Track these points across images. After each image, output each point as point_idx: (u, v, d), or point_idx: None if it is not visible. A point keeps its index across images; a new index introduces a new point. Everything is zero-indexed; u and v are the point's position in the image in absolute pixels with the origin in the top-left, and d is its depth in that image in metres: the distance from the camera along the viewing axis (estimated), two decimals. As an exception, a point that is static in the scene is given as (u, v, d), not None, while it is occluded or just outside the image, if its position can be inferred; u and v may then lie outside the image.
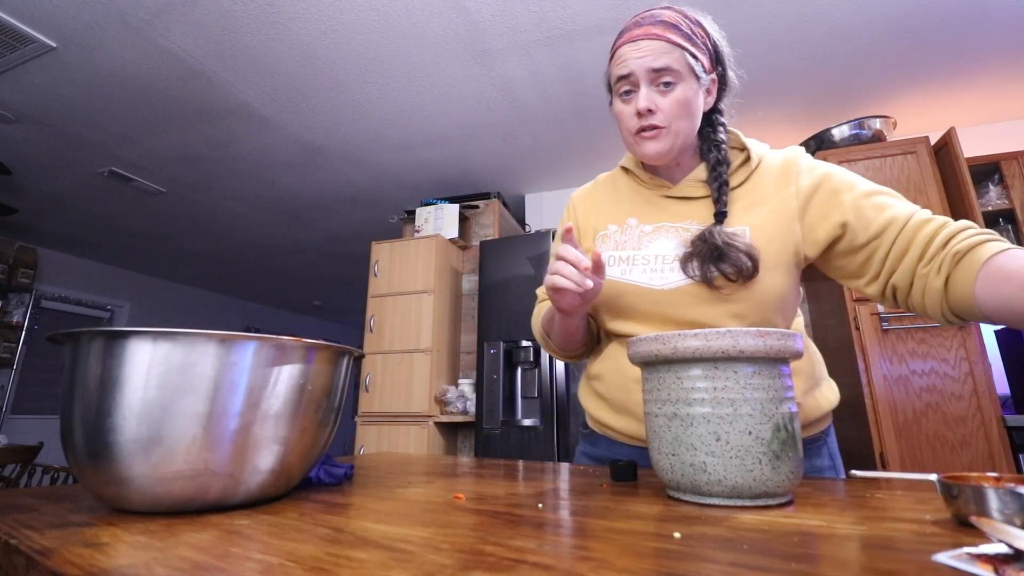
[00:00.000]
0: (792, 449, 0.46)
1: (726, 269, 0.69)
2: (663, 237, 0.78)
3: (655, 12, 0.75)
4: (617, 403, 0.80)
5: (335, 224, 4.25)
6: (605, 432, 0.84)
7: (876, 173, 2.33)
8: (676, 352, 0.48)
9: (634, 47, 0.72)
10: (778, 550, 0.32)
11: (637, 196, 0.84)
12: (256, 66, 2.33)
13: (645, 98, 0.72)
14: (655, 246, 0.78)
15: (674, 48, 0.71)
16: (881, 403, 2.08)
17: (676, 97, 0.72)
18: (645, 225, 0.81)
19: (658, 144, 0.74)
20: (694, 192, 0.79)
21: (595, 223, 0.87)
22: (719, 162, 0.76)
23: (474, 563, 0.30)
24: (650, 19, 0.74)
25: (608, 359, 0.83)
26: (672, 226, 0.78)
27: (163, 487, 0.43)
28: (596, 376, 0.85)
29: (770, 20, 2.08)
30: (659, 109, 0.72)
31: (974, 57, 2.32)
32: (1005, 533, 0.29)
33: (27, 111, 2.64)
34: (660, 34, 0.71)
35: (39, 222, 4.15)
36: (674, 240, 0.77)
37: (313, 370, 0.50)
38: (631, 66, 0.72)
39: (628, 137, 0.77)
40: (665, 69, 0.71)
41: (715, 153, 0.77)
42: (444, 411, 2.83)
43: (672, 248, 0.77)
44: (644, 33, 0.72)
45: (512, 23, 2.09)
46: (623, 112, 0.75)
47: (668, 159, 0.76)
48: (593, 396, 0.86)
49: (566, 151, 3.12)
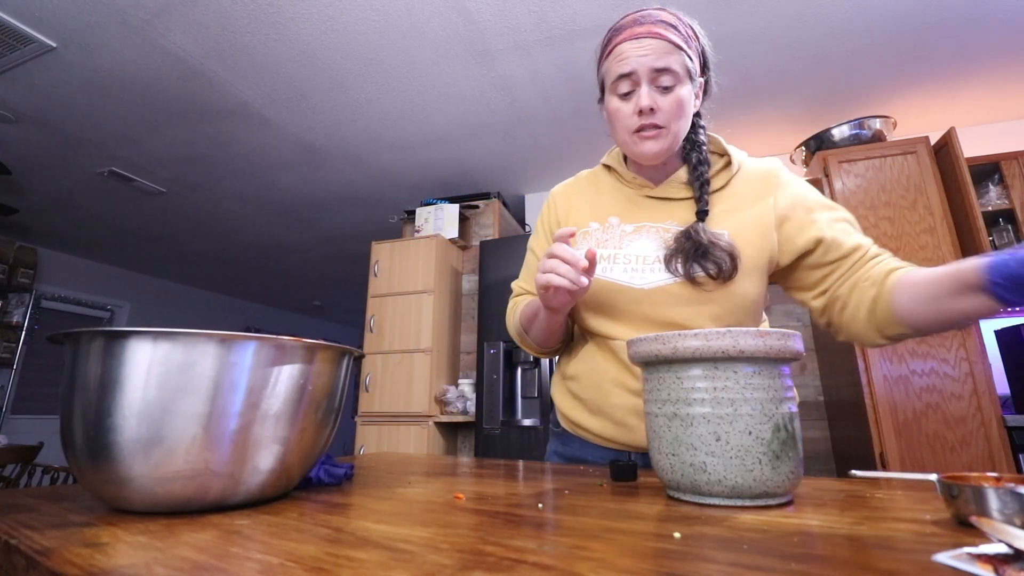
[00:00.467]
0: (792, 449, 0.46)
1: (709, 267, 0.71)
2: (644, 237, 0.79)
3: (653, 12, 0.75)
4: (593, 404, 0.80)
5: (335, 224, 4.25)
6: (578, 432, 0.84)
7: (876, 173, 2.33)
8: (676, 352, 0.48)
9: (637, 44, 0.71)
10: (778, 550, 0.32)
11: (619, 195, 0.84)
12: (256, 66, 2.33)
13: (648, 97, 0.71)
14: (636, 246, 0.78)
15: (675, 49, 0.71)
16: (881, 403, 2.08)
17: (675, 98, 0.72)
18: (626, 225, 0.81)
19: (658, 144, 0.74)
20: (676, 193, 0.80)
21: (576, 219, 0.87)
22: (700, 162, 0.78)
23: (474, 563, 0.30)
24: (651, 18, 0.73)
25: (585, 360, 0.83)
26: (653, 226, 0.79)
27: (163, 487, 0.43)
28: (572, 376, 0.85)
29: (770, 20, 2.08)
30: (659, 109, 0.72)
31: (974, 57, 2.32)
32: (1005, 533, 0.29)
33: (27, 111, 2.64)
34: (662, 34, 0.71)
35: (39, 222, 4.15)
36: (655, 241, 0.78)
37: (313, 370, 0.50)
38: (633, 64, 0.71)
39: (625, 136, 0.76)
40: (666, 69, 0.71)
41: (696, 154, 0.78)
42: (444, 411, 2.83)
43: (653, 249, 0.77)
44: (647, 31, 0.72)
45: (512, 23, 2.09)
46: (620, 110, 0.75)
47: (663, 159, 0.77)
48: (568, 396, 0.86)
49: (566, 151, 3.12)
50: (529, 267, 0.95)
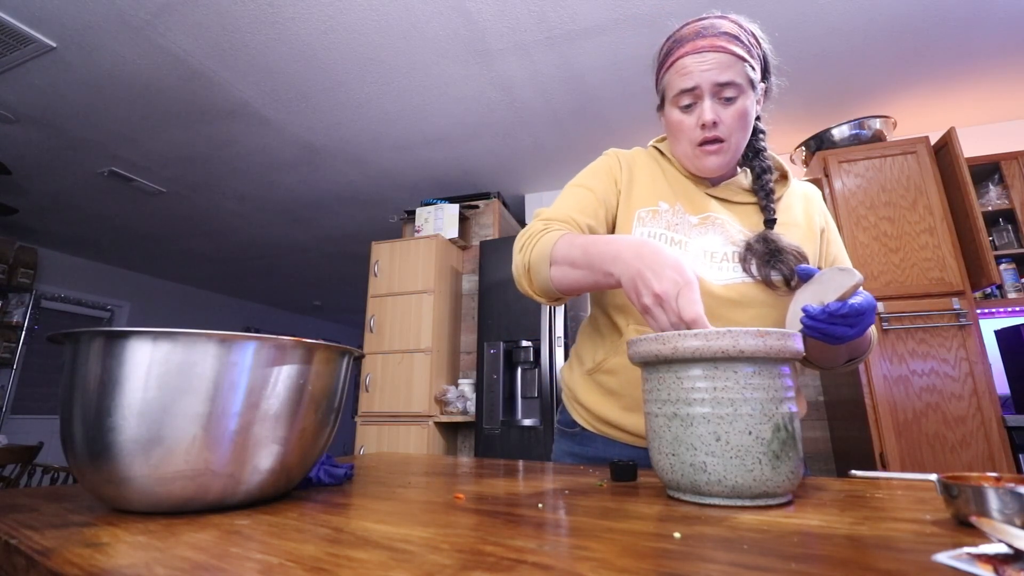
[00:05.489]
0: (792, 449, 0.46)
1: (784, 270, 0.71)
2: (710, 232, 0.77)
3: (716, 22, 0.74)
4: (631, 400, 0.77)
5: (335, 224, 4.25)
6: (604, 431, 0.81)
7: (876, 173, 2.33)
8: (676, 352, 0.48)
9: (699, 59, 0.71)
10: (778, 550, 0.32)
11: (680, 184, 0.82)
12: (256, 66, 2.33)
13: (711, 110, 0.72)
14: (704, 240, 0.77)
15: (737, 61, 0.71)
16: (881, 403, 2.08)
17: (737, 110, 0.72)
18: (691, 216, 0.78)
19: (720, 159, 0.75)
20: (735, 197, 0.80)
21: (642, 192, 0.81)
22: (764, 170, 0.78)
23: (474, 563, 0.30)
24: (712, 30, 0.73)
25: (623, 353, 0.78)
26: (718, 218, 0.78)
27: (163, 487, 0.43)
28: (608, 371, 0.80)
29: (770, 20, 2.08)
30: (722, 122, 0.72)
31: (974, 57, 2.32)
32: (1005, 533, 0.29)
33: (27, 111, 2.64)
34: (724, 46, 0.71)
35: (39, 222, 4.15)
36: (720, 237, 0.77)
37: (313, 370, 0.50)
38: (697, 79, 0.71)
39: (687, 148, 0.76)
40: (729, 83, 0.71)
41: (759, 161, 0.79)
42: (444, 411, 2.83)
43: (720, 244, 0.76)
44: (709, 45, 0.71)
45: (512, 23, 2.09)
46: (683, 122, 0.75)
47: (724, 172, 0.78)
48: (598, 392, 0.82)
49: (566, 151, 3.12)
50: (580, 201, 0.80)
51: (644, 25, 2.10)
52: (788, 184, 0.82)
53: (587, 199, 0.81)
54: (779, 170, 0.82)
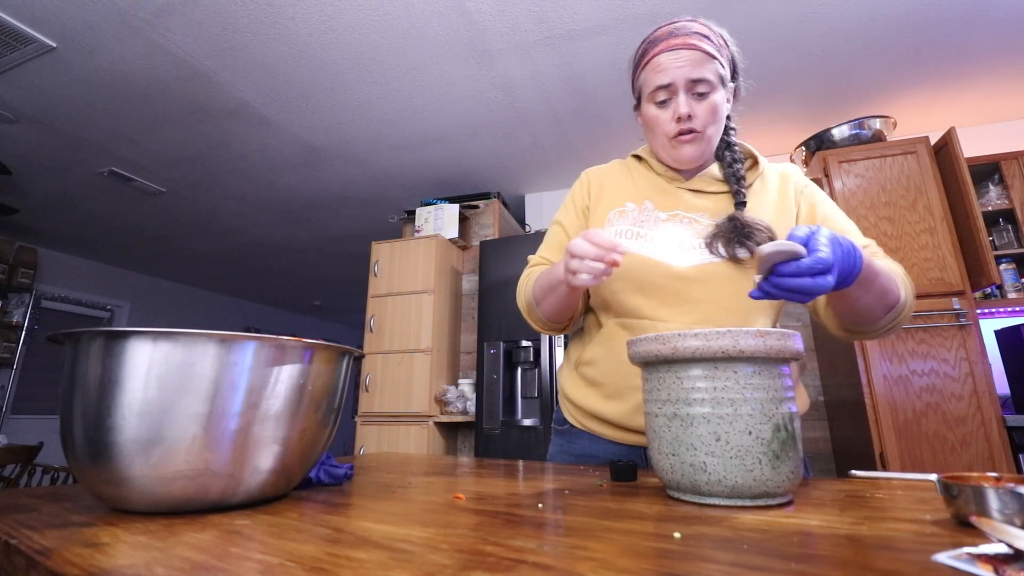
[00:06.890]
0: (792, 449, 0.46)
1: (751, 247, 0.73)
2: (677, 225, 0.81)
3: (687, 24, 0.79)
4: (611, 388, 0.80)
5: (335, 224, 4.25)
6: (587, 426, 0.83)
7: (876, 173, 2.33)
8: (676, 352, 0.48)
9: (673, 56, 0.76)
10: (778, 550, 0.32)
11: (652, 184, 0.87)
12: (256, 66, 2.33)
13: (686, 104, 0.76)
14: (671, 232, 0.80)
15: (709, 59, 0.76)
16: (881, 403, 2.08)
17: (710, 104, 0.77)
18: (660, 212, 0.83)
19: (695, 148, 0.78)
20: (707, 187, 0.83)
21: (610, 199, 0.88)
22: (735, 160, 0.82)
23: (474, 563, 0.30)
24: (685, 30, 0.78)
25: (602, 343, 0.83)
26: (686, 215, 0.81)
27: (163, 487, 0.43)
28: (588, 361, 0.85)
29: (770, 20, 2.08)
30: (696, 115, 0.76)
31: (974, 57, 2.32)
32: (1005, 533, 0.29)
33: (27, 111, 2.64)
34: (696, 45, 0.75)
35: (39, 222, 4.15)
36: (688, 229, 0.80)
37: (313, 370, 0.50)
38: (672, 75, 0.76)
39: (664, 141, 0.80)
40: (702, 79, 0.75)
41: (730, 153, 0.83)
42: (444, 411, 2.82)
43: (688, 236, 0.79)
44: (683, 43, 0.76)
45: (512, 23, 2.09)
46: (659, 117, 0.79)
47: (700, 162, 0.81)
48: (581, 383, 0.85)
49: (566, 151, 3.12)
50: (552, 240, 0.93)
51: (644, 25, 2.10)
52: (759, 169, 0.84)
53: (559, 236, 0.93)
54: (749, 157, 0.85)
